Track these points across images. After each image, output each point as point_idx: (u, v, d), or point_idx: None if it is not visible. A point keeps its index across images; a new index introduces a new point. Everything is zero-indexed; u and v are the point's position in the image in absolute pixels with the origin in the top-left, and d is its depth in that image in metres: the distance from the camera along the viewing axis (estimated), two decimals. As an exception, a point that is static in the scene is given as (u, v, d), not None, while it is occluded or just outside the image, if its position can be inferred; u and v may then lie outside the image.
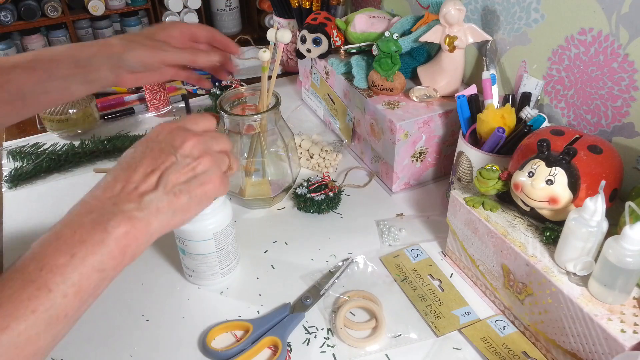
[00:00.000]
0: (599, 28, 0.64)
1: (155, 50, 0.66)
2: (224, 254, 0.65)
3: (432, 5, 0.82)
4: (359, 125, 0.89)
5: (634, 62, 0.62)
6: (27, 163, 0.91)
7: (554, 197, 0.54)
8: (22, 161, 0.92)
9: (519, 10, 0.75)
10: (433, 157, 0.84)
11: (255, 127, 0.75)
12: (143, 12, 1.54)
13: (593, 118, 0.69)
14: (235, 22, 1.54)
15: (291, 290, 0.67)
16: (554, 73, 0.73)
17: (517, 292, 0.59)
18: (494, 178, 0.60)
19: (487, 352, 0.58)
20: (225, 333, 0.62)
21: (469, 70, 0.89)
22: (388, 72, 0.80)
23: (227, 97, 0.76)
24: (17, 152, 0.93)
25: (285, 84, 1.19)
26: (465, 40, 0.76)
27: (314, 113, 1.07)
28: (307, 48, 0.94)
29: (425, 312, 0.63)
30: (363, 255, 0.72)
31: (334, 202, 0.80)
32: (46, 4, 1.38)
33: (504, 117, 0.67)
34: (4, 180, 0.88)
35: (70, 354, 0.60)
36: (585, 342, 0.51)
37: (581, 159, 0.55)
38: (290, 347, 0.60)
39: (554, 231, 0.57)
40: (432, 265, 0.70)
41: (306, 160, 0.90)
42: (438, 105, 0.80)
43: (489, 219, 0.61)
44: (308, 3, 1.04)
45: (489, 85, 0.73)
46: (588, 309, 0.50)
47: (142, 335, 0.62)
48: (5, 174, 0.89)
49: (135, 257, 0.44)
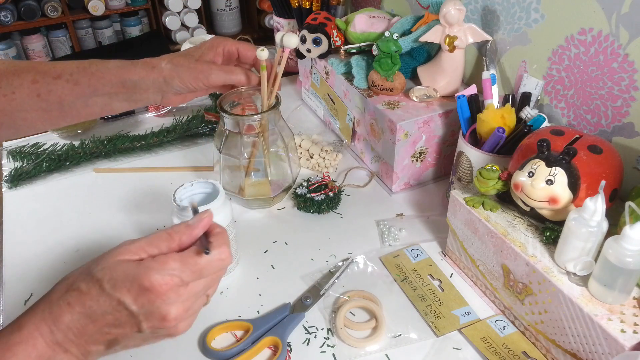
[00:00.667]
0: (599, 28, 0.64)
1: (201, 74, 0.65)
2: (224, 254, 0.65)
3: (432, 5, 0.82)
4: (359, 125, 0.89)
5: (634, 62, 0.62)
6: (27, 163, 0.91)
7: (554, 197, 0.54)
8: (22, 161, 0.92)
9: (519, 10, 0.75)
10: (433, 157, 0.84)
11: (255, 127, 0.75)
12: (143, 12, 1.54)
13: (593, 118, 0.69)
14: (235, 22, 1.54)
15: (291, 290, 0.67)
16: (554, 73, 0.73)
17: (517, 292, 0.59)
18: (494, 178, 0.60)
19: (487, 352, 0.58)
20: (225, 333, 0.62)
21: (469, 70, 0.89)
22: (388, 72, 0.80)
23: (227, 97, 0.76)
24: (17, 152, 0.93)
25: (285, 84, 1.19)
26: (465, 40, 0.76)
27: (314, 113, 1.07)
28: (307, 48, 0.94)
29: (425, 312, 0.63)
30: (363, 255, 0.72)
31: (334, 202, 0.80)
32: (46, 4, 1.38)
33: (504, 117, 0.67)
34: (4, 180, 0.88)
35: (70, 354, 0.60)
36: (585, 342, 0.51)
37: (581, 159, 0.55)
38: (290, 347, 0.60)
39: (554, 231, 0.57)
40: (432, 265, 0.70)
41: (306, 160, 0.90)
42: (438, 105, 0.80)
43: (489, 219, 0.61)
44: (308, 3, 1.04)
45: (489, 85, 0.73)
46: (588, 309, 0.50)
47: (142, 335, 0.62)
48: (5, 174, 0.89)
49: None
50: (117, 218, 0.80)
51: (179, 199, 0.63)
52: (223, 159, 0.76)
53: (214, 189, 0.65)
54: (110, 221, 0.80)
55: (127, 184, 0.88)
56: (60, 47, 1.48)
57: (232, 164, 0.77)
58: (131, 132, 0.99)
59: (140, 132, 0.98)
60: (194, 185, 0.65)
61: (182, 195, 0.64)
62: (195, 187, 0.65)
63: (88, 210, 0.82)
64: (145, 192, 0.86)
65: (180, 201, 0.63)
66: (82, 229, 0.78)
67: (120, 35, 1.55)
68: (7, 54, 1.40)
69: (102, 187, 0.87)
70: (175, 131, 0.97)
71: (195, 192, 0.66)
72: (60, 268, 0.71)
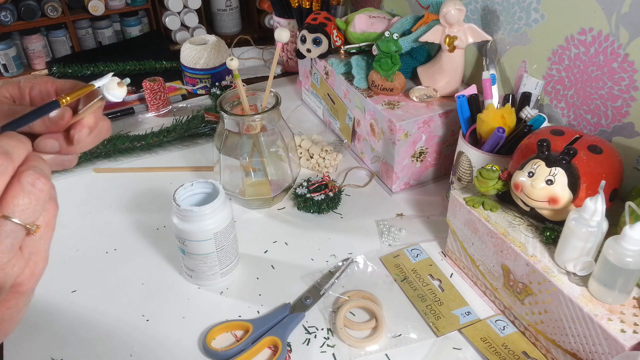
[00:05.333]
0: (599, 28, 0.64)
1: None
2: (224, 254, 0.65)
3: (432, 5, 0.82)
4: (359, 125, 0.89)
5: (634, 62, 0.62)
6: (27, 163, 0.91)
7: (554, 197, 0.54)
8: (22, 161, 0.91)
9: (519, 10, 0.75)
10: (433, 157, 0.84)
11: (255, 127, 0.75)
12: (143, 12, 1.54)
13: (593, 118, 0.69)
14: (235, 22, 1.54)
15: (291, 290, 0.67)
16: (554, 73, 0.73)
17: (517, 292, 0.59)
18: (494, 178, 0.60)
19: (487, 352, 0.58)
20: (225, 333, 0.62)
21: (469, 70, 0.89)
22: (388, 72, 0.80)
23: (227, 97, 0.76)
24: (17, 152, 0.93)
25: (285, 84, 1.19)
26: (465, 40, 0.76)
27: (314, 113, 1.07)
28: (307, 48, 0.94)
29: (425, 312, 0.63)
30: (363, 255, 0.72)
31: (334, 202, 0.80)
32: (46, 4, 1.38)
33: (504, 117, 0.67)
34: (4, 180, 0.88)
35: (70, 354, 0.60)
36: (585, 342, 0.51)
37: (581, 159, 0.55)
38: (290, 347, 0.60)
39: (554, 231, 0.57)
40: (432, 265, 0.70)
41: (306, 160, 0.90)
42: (438, 105, 0.80)
43: (489, 219, 0.61)
44: (308, 3, 1.04)
45: (489, 85, 0.73)
46: (588, 309, 0.50)
47: (142, 335, 0.62)
48: (5, 174, 0.89)
49: None
50: (117, 218, 0.80)
51: (179, 199, 0.63)
52: (223, 159, 0.76)
53: (214, 189, 0.65)
54: (110, 221, 0.80)
55: (127, 184, 0.88)
56: (60, 47, 1.48)
57: (232, 164, 0.77)
58: (131, 132, 0.99)
59: (140, 132, 0.97)
60: (194, 185, 0.65)
61: (182, 195, 0.64)
62: (195, 187, 0.65)
63: (88, 210, 0.82)
64: (145, 192, 0.86)
65: (181, 201, 0.63)
66: (81, 228, 0.78)
67: (120, 35, 1.55)
68: (7, 54, 1.40)
69: (101, 187, 0.87)
70: (175, 131, 0.97)
71: (195, 192, 0.66)
72: (60, 268, 0.71)
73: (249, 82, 1.20)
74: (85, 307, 0.66)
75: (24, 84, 0.41)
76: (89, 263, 0.72)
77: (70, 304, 0.66)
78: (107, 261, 0.73)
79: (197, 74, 1.12)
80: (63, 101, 0.36)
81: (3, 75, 1.43)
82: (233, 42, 1.34)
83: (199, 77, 1.13)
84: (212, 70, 1.12)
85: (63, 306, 0.66)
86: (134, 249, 0.74)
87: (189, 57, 1.11)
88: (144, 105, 1.08)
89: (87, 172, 0.91)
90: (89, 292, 0.68)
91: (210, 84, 1.12)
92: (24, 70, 1.47)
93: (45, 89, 0.41)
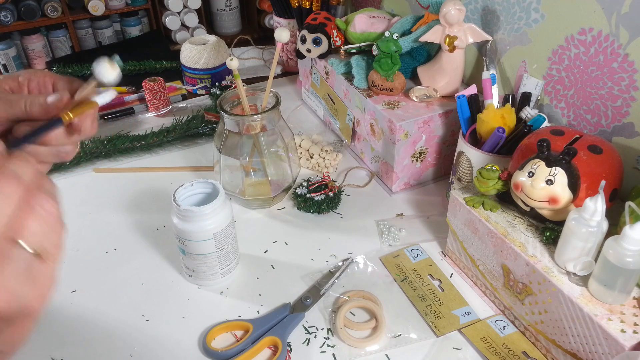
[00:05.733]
0: (599, 28, 0.64)
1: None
2: (224, 254, 0.65)
3: (432, 5, 0.82)
4: (359, 125, 0.89)
5: (634, 62, 0.62)
6: (27, 163, 0.91)
7: (554, 197, 0.54)
8: (22, 161, 0.91)
9: (519, 10, 0.75)
10: (433, 157, 0.84)
11: (255, 127, 0.75)
12: (143, 12, 1.54)
13: (593, 118, 0.69)
14: (235, 22, 1.54)
15: (291, 290, 0.67)
16: (554, 73, 0.73)
17: (517, 292, 0.59)
18: (494, 178, 0.60)
19: (487, 352, 0.58)
20: (225, 333, 0.62)
21: (469, 70, 0.89)
22: (388, 72, 0.80)
23: (227, 97, 0.76)
24: (17, 152, 0.93)
25: (285, 84, 1.19)
26: (465, 40, 0.76)
27: (314, 113, 1.07)
28: (307, 48, 0.94)
29: (425, 312, 0.63)
30: (363, 255, 0.72)
31: (334, 202, 0.80)
32: (46, 4, 1.38)
33: (504, 117, 0.67)
34: (4, 180, 0.88)
35: (70, 354, 0.60)
36: (585, 342, 0.51)
37: (581, 159, 0.55)
38: (290, 347, 0.60)
39: (554, 231, 0.57)
40: (432, 265, 0.70)
41: (306, 160, 0.90)
42: (438, 105, 0.80)
43: (489, 219, 0.61)
44: (308, 3, 1.04)
45: (489, 85, 0.73)
46: (588, 309, 0.50)
47: (142, 335, 0.62)
48: (5, 174, 0.89)
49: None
50: (117, 218, 0.80)
51: (179, 199, 0.63)
52: (223, 159, 0.76)
53: (214, 189, 0.65)
54: (110, 221, 0.80)
55: (127, 184, 0.88)
56: (60, 47, 1.48)
57: (232, 164, 0.77)
58: (131, 132, 0.99)
59: (140, 132, 0.97)
60: (194, 185, 0.65)
61: (182, 195, 0.64)
62: (195, 187, 0.65)
63: (88, 210, 0.82)
64: (145, 192, 0.86)
65: (181, 201, 0.63)
66: (81, 228, 0.78)
67: (120, 35, 1.55)
68: (7, 54, 1.40)
69: (101, 187, 0.87)
70: (175, 131, 0.97)
71: (195, 192, 0.66)
72: (60, 268, 0.71)
73: (249, 82, 1.20)
74: (85, 307, 0.66)
75: (23, 77, 0.44)
76: (89, 263, 0.72)
77: (70, 304, 0.66)
78: (107, 261, 0.73)
79: (197, 74, 1.12)
80: (66, 117, 0.39)
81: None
82: (233, 42, 1.34)
83: (199, 77, 1.13)
84: (212, 70, 1.12)
85: (63, 306, 0.66)
86: (134, 249, 0.74)
87: (189, 57, 1.11)
88: (144, 105, 1.08)
89: (87, 172, 0.91)
90: (89, 292, 0.68)
91: (210, 84, 1.13)
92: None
93: (42, 81, 0.45)
